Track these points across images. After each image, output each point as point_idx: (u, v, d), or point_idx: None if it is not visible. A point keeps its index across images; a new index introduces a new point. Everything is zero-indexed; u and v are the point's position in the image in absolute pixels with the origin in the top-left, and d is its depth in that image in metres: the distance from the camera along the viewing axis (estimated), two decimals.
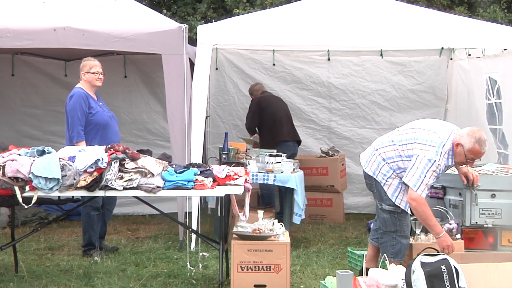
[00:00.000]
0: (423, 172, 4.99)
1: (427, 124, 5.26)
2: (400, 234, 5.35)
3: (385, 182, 5.33)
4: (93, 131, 6.38)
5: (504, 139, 8.10)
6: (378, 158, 5.35)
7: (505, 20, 11.20)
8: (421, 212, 5.05)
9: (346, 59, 9.48)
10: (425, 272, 4.54)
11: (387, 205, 5.33)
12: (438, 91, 9.54)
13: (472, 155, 5.07)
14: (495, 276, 4.64)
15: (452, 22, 7.58)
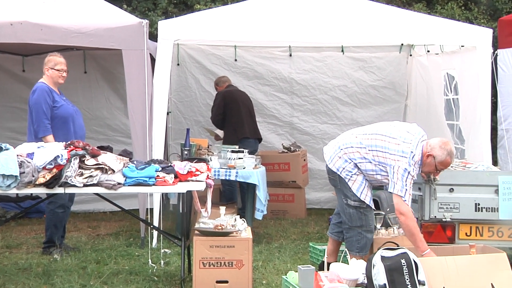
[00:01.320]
0: (403, 181, 5.08)
1: (395, 131, 5.28)
2: (366, 229, 5.42)
3: (349, 178, 5.38)
4: (58, 124, 6.29)
5: (461, 134, 8.23)
6: (344, 157, 5.40)
7: (462, 17, 11.38)
8: (409, 227, 5.07)
9: (307, 55, 9.52)
10: (385, 266, 4.59)
11: (352, 201, 5.38)
12: (398, 87, 9.65)
13: (442, 167, 5.20)
14: (453, 269, 4.71)
15: (411, 18, 7.67)
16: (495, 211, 5.62)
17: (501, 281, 4.71)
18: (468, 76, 7.88)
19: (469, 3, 12.00)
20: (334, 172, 5.46)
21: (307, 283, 4.62)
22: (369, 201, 5.37)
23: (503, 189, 5.62)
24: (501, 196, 5.62)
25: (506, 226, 5.65)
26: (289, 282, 4.83)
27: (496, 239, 5.65)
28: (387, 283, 4.52)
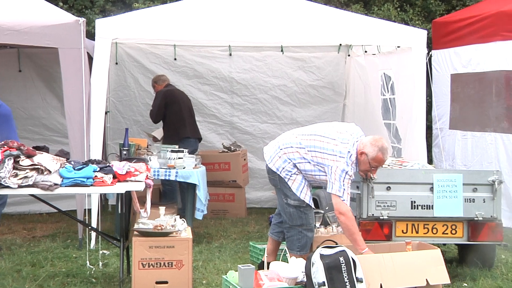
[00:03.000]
0: (341, 181, 5.14)
1: (333, 131, 5.34)
2: (306, 228, 5.46)
3: (289, 177, 5.41)
4: None
5: (398, 133, 8.40)
6: (283, 157, 5.42)
7: (398, 18, 11.59)
8: (348, 226, 5.14)
9: (247, 55, 9.54)
10: (324, 264, 4.64)
11: (292, 200, 5.42)
12: (337, 87, 9.77)
13: (376, 163, 5.26)
14: (389, 265, 4.80)
15: (349, 19, 7.78)
16: (430, 209, 5.76)
17: (435, 276, 4.83)
18: (404, 76, 8.05)
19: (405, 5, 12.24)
20: (274, 172, 5.49)
21: (247, 282, 4.64)
22: (308, 200, 5.42)
23: (437, 187, 5.75)
24: (435, 193, 5.75)
25: (441, 223, 5.79)
26: (229, 282, 4.83)
27: (431, 235, 5.78)
28: (326, 281, 4.57)
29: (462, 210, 5.76)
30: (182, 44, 9.27)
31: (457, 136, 8.92)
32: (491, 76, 8.35)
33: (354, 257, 4.72)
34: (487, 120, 8.47)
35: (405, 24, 10.49)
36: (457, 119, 8.98)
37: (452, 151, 8.97)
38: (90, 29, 8.53)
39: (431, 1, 12.23)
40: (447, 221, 5.79)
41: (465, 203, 5.76)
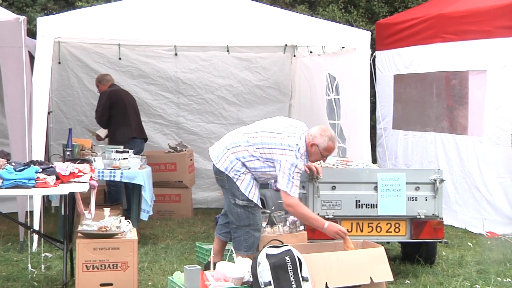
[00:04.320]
0: (290, 175, 5.18)
1: (279, 126, 5.38)
2: (254, 228, 5.46)
3: (238, 177, 5.41)
4: None
5: (343, 133, 8.50)
6: (231, 156, 5.41)
7: (343, 19, 11.75)
8: (300, 214, 5.27)
9: (193, 54, 9.51)
10: (270, 263, 4.66)
11: (240, 200, 5.41)
12: (283, 87, 9.83)
13: (327, 153, 5.35)
14: (335, 264, 4.85)
15: (294, 20, 7.83)
16: (374, 207, 5.84)
17: (379, 274, 4.89)
18: (348, 77, 8.15)
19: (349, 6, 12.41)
20: (222, 172, 5.48)
21: (193, 283, 4.62)
22: (256, 200, 5.44)
23: (381, 186, 5.84)
24: (379, 192, 5.84)
25: (384, 221, 5.88)
26: (175, 283, 4.80)
27: (375, 234, 5.87)
28: (272, 280, 4.59)
29: (405, 209, 5.86)
30: (127, 43, 9.17)
31: (399, 136, 9.10)
32: (432, 77, 8.54)
33: (300, 257, 4.75)
34: (427, 120, 8.66)
35: (349, 25, 10.63)
36: (400, 119, 9.16)
37: (395, 150, 9.13)
38: (32, 28, 8.38)
39: (374, 3, 12.44)
40: (390, 220, 5.88)
41: (408, 202, 5.87)
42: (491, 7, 7.79)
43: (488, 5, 7.84)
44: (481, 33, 7.78)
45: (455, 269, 6.12)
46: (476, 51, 7.89)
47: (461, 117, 8.21)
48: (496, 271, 5.98)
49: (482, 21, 7.82)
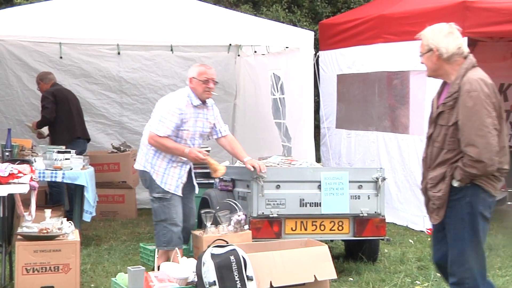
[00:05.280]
0: (161, 116, 5.47)
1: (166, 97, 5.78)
2: (170, 222, 5.54)
3: (153, 170, 5.55)
4: None
5: (288, 132, 8.55)
6: (143, 149, 5.62)
7: (287, 19, 11.81)
8: (161, 146, 5.50)
9: (136, 54, 9.41)
10: (215, 263, 4.65)
11: (156, 193, 5.53)
12: (227, 87, 9.81)
13: (203, 76, 5.61)
14: (279, 263, 4.88)
15: (238, 19, 7.84)
16: (318, 206, 5.89)
17: (323, 272, 4.95)
18: (292, 76, 8.20)
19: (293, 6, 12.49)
20: (142, 171, 5.64)
21: (137, 284, 4.57)
22: (174, 190, 5.55)
23: (325, 184, 5.89)
24: (323, 191, 5.89)
25: (328, 219, 5.94)
26: (118, 284, 4.75)
27: (319, 232, 5.92)
28: (217, 280, 4.58)
29: (348, 207, 5.93)
30: (68, 42, 9.00)
31: (342, 135, 9.21)
32: (374, 76, 8.67)
33: (245, 256, 4.76)
34: (370, 119, 8.79)
35: (293, 25, 10.70)
36: (343, 119, 9.27)
37: (339, 149, 9.24)
38: None
39: (317, 3, 12.55)
40: (334, 218, 5.95)
41: (351, 200, 5.94)
42: (430, 8, 7.95)
43: (428, 7, 8.01)
44: None
45: (396, 266, 6.23)
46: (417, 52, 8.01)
47: (403, 116, 8.36)
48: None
49: (422, 22, 7.85)
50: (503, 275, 5.89)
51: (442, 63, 4.01)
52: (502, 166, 3.91)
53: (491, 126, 3.79)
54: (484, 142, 3.77)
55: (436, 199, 3.96)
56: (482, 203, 3.90)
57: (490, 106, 3.82)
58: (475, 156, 3.77)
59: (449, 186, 3.91)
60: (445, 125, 3.93)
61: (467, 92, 3.83)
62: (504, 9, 7.59)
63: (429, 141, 4.06)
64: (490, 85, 3.89)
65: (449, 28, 4.07)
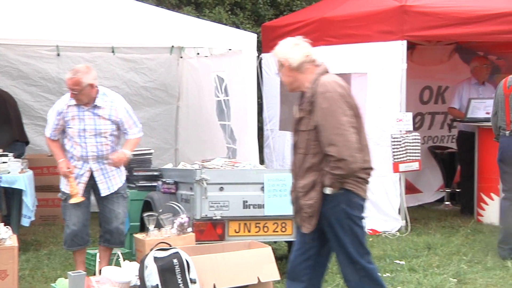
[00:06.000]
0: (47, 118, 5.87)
1: None
2: (67, 223, 5.72)
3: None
4: None
5: (233, 134, 8.55)
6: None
7: (229, 21, 11.82)
8: (49, 146, 5.87)
9: (77, 55, 9.24)
10: (158, 266, 4.63)
11: (60, 193, 5.77)
12: (170, 89, 9.75)
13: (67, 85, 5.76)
14: (222, 265, 4.88)
15: (181, 21, 7.80)
16: (261, 208, 5.91)
17: (266, 273, 4.98)
18: (236, 78, 8.21)
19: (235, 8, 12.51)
20: None
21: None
22: (63, 188, 5.71)
23: (268, 186, 5.92)
24: (266, 193, 5.91)
25: (271, 221, 5.96)
26: None
27: (262, 234, 5.94)
28: (160, 283, 4.56)
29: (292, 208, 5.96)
30: (5, 42, 8.77)
31: (286, 137, 9.25)
32: None
33: (188, 259, 4.75)
34: None
35: (236, 27, 10.71)
36: (286, 121, 9.32)
37: (282, 151, 9.29)
38: None
39: (260, 6, 12.60)
40: (277, 219, 5.97)
41: None
42: (371, 12, 8.09)
43: (368, 10, 8.14)
44: (362, 37, 8.06)
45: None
46: (358, 54, 8.16)
47: None
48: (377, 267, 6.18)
49: (363, 25, 8.11)
50: (441, 273, 6.03)
51: (295, 74, 4.10)
52: (368, 165, 4.04)
53: (348, 124, 3.89)
54: (342, 140, 3.86)
55: (307, 207, 4.01)
56: (356, 207, 4.03)
57: (345, 105, 3.92)
58: (336, 155, 3.85)
59: (321, 194, 3.98)
60: (306, 130, 4.01)
61: (322, 94, 3.93)
62: (441, 14, 7.79)
63: (294, 149, 4.15)
64: (344, 86, 4.02)
65: (295, 40, 4.22)
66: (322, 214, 4.02)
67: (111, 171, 5.74)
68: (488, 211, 8.16)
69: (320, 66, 4.11)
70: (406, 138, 7.73)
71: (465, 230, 7.70)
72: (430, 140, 9.59)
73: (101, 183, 5.73)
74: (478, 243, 7.15)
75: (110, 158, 5.68)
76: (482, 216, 8.22)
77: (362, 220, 4.10)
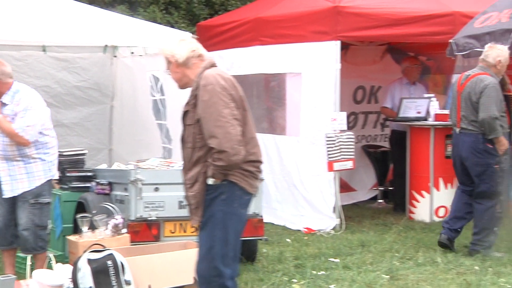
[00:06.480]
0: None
1: None
2: None
3: None
4: None
5: (169, 134, 8.49)
6: None
7: (164, 20, 11.76)
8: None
9: (5, 54, 8.93)
10: (92, 269, 4.57)
11: None
12: (103, 88, 9.60)
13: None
14: (158, 266, 4.85)
15: (114, 20, 7.69)
16: None
17: None
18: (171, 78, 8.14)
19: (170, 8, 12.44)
20: None
21: None
22: None
23: None
24: None
25: None
26: None
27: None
28: (93, 286, 4.50)
29: None
30: None
31: None
32: (251, 79, 8.79)
33: (123, 260, 4.70)
34: None
35: (170, 26, 10.64)
36: None
37: None
38: None
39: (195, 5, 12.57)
40: None
41: None
42: (305, 12, 8.18)
43: (303, 11, 8.22)
44: (296, 37, 8.13)
45: (274, 265, 6.34)
46: (292, 54, 8.23)
47: (280, 118, 8.53)
48: (312, 265, 6.27)
49: (297, 25, 8.19)
50: (374, 270, 6.14)
51: (183, 69, 4.10)
52: (254, 157, 4.03)
53: (230, 117, 3.88)
54: (223, 132, 3.84)
55: (191, 198, 4.00)
56: (238, 201, 3.98)
57: (227, 98, 3.91)
58: (217, 147, 3.84)
59: (204, 184, 3.96)
60: (192, 124, 4.02)
61: (203, 87, 3.93)
62: (373, 15, 7.95)
63: (182, 144, 4.15)
64: (228, 79, 4.00)
65: (181, 37, 4.29)
66: (205, 204, 3.96)
67: (20, 174, 5.46)
68: (419, 208, 8.36)
69: (206, 60, 4.09)
70: (340, 137, 7.84)
71: (397, 227, 7.87)
72: (363, 139, 9.76)
73: (6, 184, 5.48)
74: (410, 240, 7.31)
75: None
76: (414, 213, 8.42)
77: (241, 217, 4.02)
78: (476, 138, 6.50)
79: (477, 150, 6.50)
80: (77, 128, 9.18)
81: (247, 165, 3.97)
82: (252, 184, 4.01)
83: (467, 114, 6.55)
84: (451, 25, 7.93)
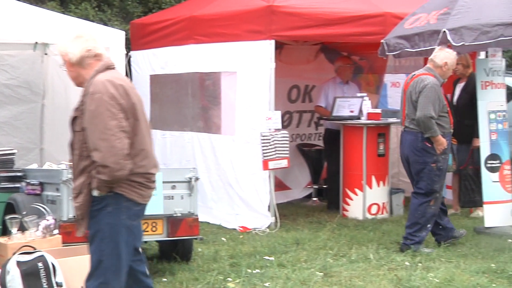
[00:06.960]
0: None
1: None
2: None
3: None
4: None
5: None
6: None
7: (96, 18, 11.58)
8: None
9: None
10: (21, 271, 4.46)
11: None
12: (34, 86, 9.37)
13: None
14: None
15: (44, 17, 7.54)
16: None
17: None
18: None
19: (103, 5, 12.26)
20: None
21: None
22: None
23: None
24: None
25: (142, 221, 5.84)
26: None
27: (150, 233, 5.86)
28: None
29: (162, 208, 5.92)
30: None
31: (157, 136, 9.17)
32: (186, 77, 8.75)
33: (54, 262, 4.60)
34: (184, 120, 8.86)
35: (103, 24, 10.49)
36: (157, 119, 9.24)
37: None
38: None
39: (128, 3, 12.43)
40: (148, 219, 5.88)
41: (165, 201, 5.93)
42: (240, 11, 8.19)
43: (237, 9, 8.24)
44: (231, 36, 8.14)
45: (210, 264, 6.33)
46: (227, 53, 8.24)
47: (215, 117, 8.52)
48: (247, 264, 6.29)
49: (232, 24, 8.20)
50: (308, 267, 6.20)
51: (77, 69, 3.86)
52: (144, 170, 3.83)
53: (116, 129, 3.65)
54: (107, 146, 3.63)
55: (77, 209, 3.83)
56: (126, 212, 3.79)
57: (116, 108, 3.68)
58: (100, 161, 3.64)
59: (89, 196, 3.77)
60: (79, 131, 3.80)
61: (91, 95, 3.70)
62: (307, 14, 8.03)
63: (71, 150, 3.94)
64: (119, 85, 3.75)
65: (78, 33, 3.95)
66: (90, 215, 3.77)
67: None
68: (352, 206, 8.49)
69: (102, 61, 3.83)
70: (275, 136, 7.89)
71: (331, 225, 7.97)
72: (298, 138, 9.84)
73: None
74: (343, 237, 7.41)
75: None
76: (347, 211, 8.54)
77: (131, 228, 3.83)
78: (416, 137, 6.66)
79: (416, 148, 6.67)
80: (6, 127, 8.93)
81: (135, 176, 3.77)
82: (142, 194, 3.84)
83: (409, 113, 6.72)
84: (382, 25, 8.09)
